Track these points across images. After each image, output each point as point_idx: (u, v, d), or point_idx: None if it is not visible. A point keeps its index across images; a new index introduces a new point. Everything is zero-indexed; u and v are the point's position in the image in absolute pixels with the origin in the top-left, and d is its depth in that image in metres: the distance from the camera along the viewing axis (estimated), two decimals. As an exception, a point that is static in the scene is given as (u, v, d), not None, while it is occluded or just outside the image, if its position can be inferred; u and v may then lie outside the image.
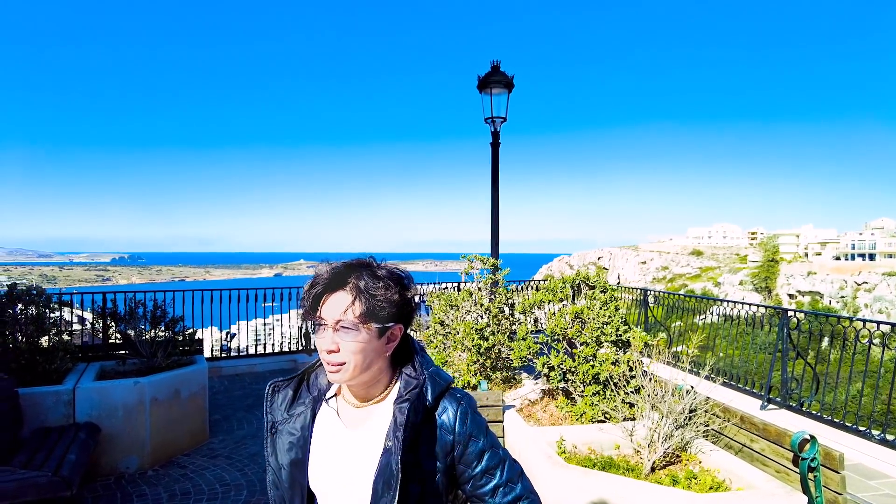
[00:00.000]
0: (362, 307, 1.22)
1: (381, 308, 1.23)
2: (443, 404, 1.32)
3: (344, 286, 1.23)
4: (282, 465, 1.35)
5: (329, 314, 1.22)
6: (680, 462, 3.80)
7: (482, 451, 1.32)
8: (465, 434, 1.31)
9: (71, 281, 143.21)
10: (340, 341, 1.21)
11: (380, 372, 1.31)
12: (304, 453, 1.33)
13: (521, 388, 5.59)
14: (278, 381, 1.42)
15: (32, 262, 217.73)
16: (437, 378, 1.33)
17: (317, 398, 1.38)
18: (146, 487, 4.80)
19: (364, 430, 1.31)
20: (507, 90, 8.54)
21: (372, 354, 1.25)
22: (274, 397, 1.41)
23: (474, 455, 1.31)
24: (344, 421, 1.34)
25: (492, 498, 1.32)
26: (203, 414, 5.99)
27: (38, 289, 5.49)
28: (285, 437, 1.35)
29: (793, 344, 6.76)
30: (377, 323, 1.23)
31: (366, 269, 1.26)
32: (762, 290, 65.71)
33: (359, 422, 1.32)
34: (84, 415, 4.89)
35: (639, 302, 10.12)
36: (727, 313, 7.95)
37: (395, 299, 1.25)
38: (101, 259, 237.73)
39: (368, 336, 1.23)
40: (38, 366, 5.16)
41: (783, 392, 6.69)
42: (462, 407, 1.33)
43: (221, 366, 8.89)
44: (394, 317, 1.26)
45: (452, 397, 1.34)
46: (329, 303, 1.23)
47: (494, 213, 8.50)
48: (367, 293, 1.22)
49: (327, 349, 1.22)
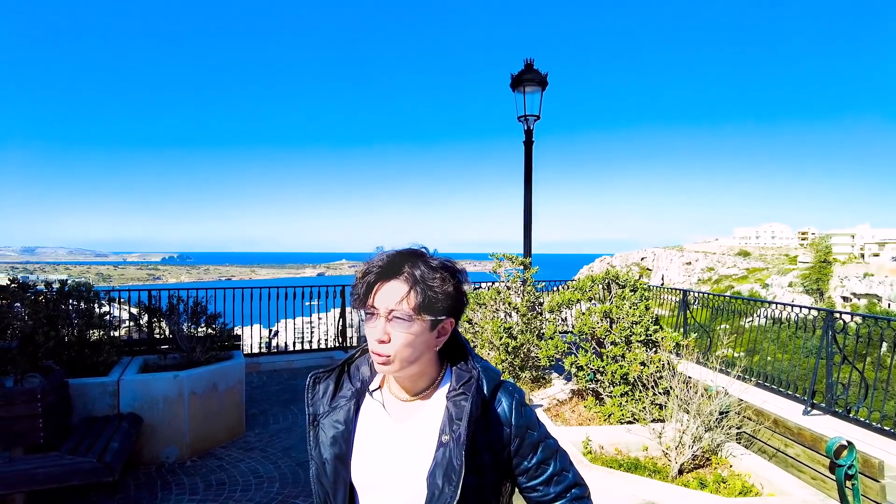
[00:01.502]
0: (417, 298, 1.17)
1: (435, 300, 1.19)
2: (497, 397, 1.31)
3: (399, 275, 1.19)
4: (325, 458, 1.32)
5: (382, 303, 1.18)
6: (709, 465, 3.71)
7: (537, 442, 1.31)
8: (521, 426, 1.30)
9: (124, 279, 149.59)
10: (392, 331, 1.18)
11: (427, 365, 1.28)
12: (347, 447, 1.30)
13: (550, 387, 5.56)
14: (319, 372, 1.39)
15: (90, 261, 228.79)
16: (490, 371, 1.32)
17: (360, 390, 1.35)
18: (184, 477, 4.99)
19: (413, 423, 1.28)
20: (540, 88, 8.50)
21: (422, 347, 1.22)
22: (315, 389, 1.38)
23: (530, 447, 1.31)
24: (391, 414, 1.30)
25: (546, 487, 1.32)
26: (240, 408, 6.17)
27: (86, 286, 5.78)
28: (328, 430, 1.32)
29: (838, 347, 6.47)
30: (431, 315, 1.19)
31: (420, 259, 1.22)
32: (813, 293, 62.93)
33: (407, 416, 1.29)
34: (127, 406, 5.13)
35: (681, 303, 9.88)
36: (773, 315, 7.67)
37: (450, 291, 1.21)
38: (153, 258, 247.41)
39: (421, 328, 1.19)
40: (86, 358, 5.44)
41: (828, 397, 6.41)
42: (516, 399, 1.31)
43: (260, 361, 9.12)
44: (447, 310, 1.22)
45: (506, 390, 1.32)
46: (383, 291, 1.19)
47: (527, 211, 8.47)
48: (424, 283, 1.18)
49: (378, 339, 1.18)
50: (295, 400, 7.40)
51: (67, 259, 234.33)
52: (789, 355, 7.67)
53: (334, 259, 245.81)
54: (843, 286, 63.12)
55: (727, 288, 66.55)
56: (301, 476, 5.06)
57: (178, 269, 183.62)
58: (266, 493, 4.71)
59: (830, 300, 61.64)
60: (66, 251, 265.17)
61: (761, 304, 8.24)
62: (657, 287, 9.59)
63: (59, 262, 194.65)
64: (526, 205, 8.44)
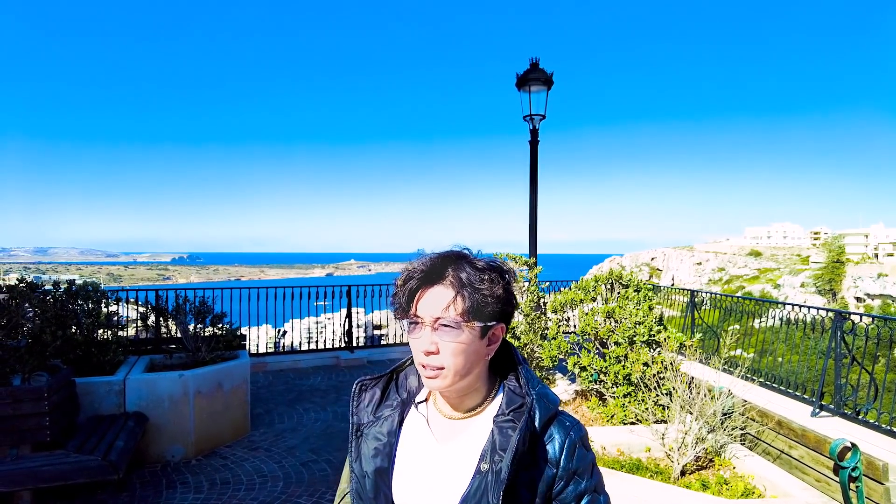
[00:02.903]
0: (465, 303, 1.07)
1: (485, 304, 1.08)
2: (549, 431, 1.14)
3: (443, 280, 1.09)
4: (366, 472, 1.20)
5: (427, 311, 1.08)
6: (712, 467, 3.68)
7: (583, 492, 1.14)
8: (569, 470, 1.13)
9: (135, 279, 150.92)
10: (440, 341, 1.07)
11: (478, 379, 1.16)
12: (389, 461, 1.19)
13: (554, 388, 5.54)
14: (366, 380, 1.28)
15: (101, 261, 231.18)
16: (546, 400, 1.15)
17: (406, 401, 1.25)
18: (189, 476, 5.03)
19: (456, 445, 1.15)
20: (546, 87, 8.49)
21: (473, 357, 1.10)
22: (361, 397, 1.27)
23: (573, 496, 1.13)
24: (434, 432, 1.19)
25: None
26: (245, 407, 6.21)
27: (93, 285, 5.85)
28: (371, 441, 1.21)
29: (847, 348, 6.40)
30: (480, 321, 1.09)
31: (464, 261, 1.11)
32: (826, 293, 62.28)
33: (451, 435, 1.17)
34: (133, 404, 5.18)
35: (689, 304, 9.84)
36: (782, 316, 7.60)
37: (500, 294, 1.11)
38: (162, 259, 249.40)
39: (471, 336, 1.09)
40: (93, 357, 5.50)
41: (836, 399, 6.34)
42: (571, 438, 1.14)
43: (266, 361, 9.17)
44: (497, 314, 1.11)
45: (561, 425, 1.15)
46: (426, 298, 1.09)
47: (533, 211, 8.46)
48: (471, 287, 1.08)
49: (425, 350, 1.08)
50: (300, 400, 7.43)
51: (79, 259, 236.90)
52: (799, 356, 7.59)
53: (343, 259, 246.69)
54: (856, 287, 62.39)
55: (738, 288, 66.02)
56: (305, 475, 5.08)
57: (187, 270, 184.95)
58: (270, 492, 4.74)
59: (843, 301, 60.97)
60: (77, 251, 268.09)
61: (770, 304, 8.17)
62: (666, 287, 9.52)
63: (71, 263, 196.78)
64: (531, 205, 8.43)
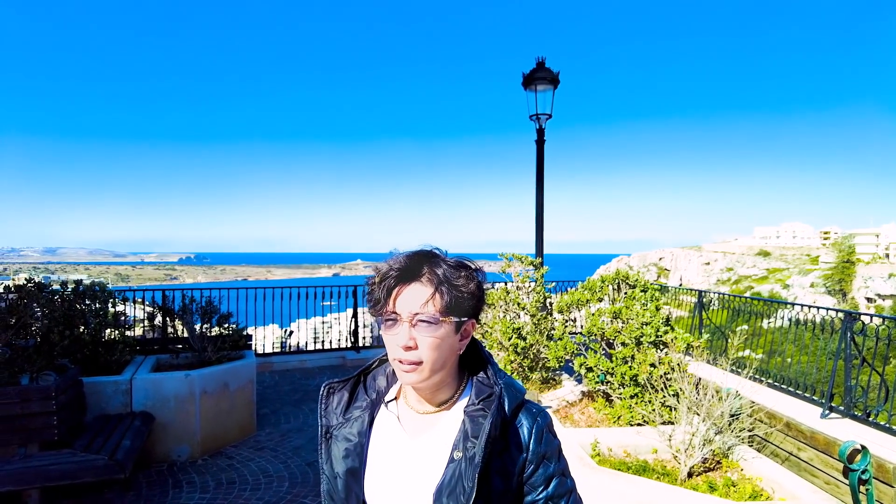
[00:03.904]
0: (443, 299, 1.11)
1: (461, 299, 1.12)
2: (518, 418, 1.20)
3: (419, 277, 1.12)
4: (337, 473, 1.24)
5: (404, 307, 1.11)
6: (720, 468, 3.65)
7: (551, 475, 1.19)
8: (539, 454, 1.18)
9: (142, 279, 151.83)
10: (418, 336, 1.10)
11: (450, 374, 1.20)
12: (360, 461, 1.22)
13: (560, 389, 5.52)
14: (333, 383, 1.31)
15: (109, 261, 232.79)
16: (513, 389, 1.20)
17: (375, 401, 1.28)
18: (195, 475, 5.04)
19: (428, 438, 1.19)
20: (552, 86, 8.48)
21: (448, 352, 1.15)
22: (329, 400, 1.30)
23: (542, 479, 1.18)
24: (405, 428, 1.22)
25: None
26: (251, 407, 6.22)
27: (100, 285, 5.87)
28: (341, 443, 1.25)
29: (857, 349, 6.33)
30: (456, 316, 1.13)
31: (439, 259, 1.15)
32: (836, 294, 61.76)
33: (422, 430, 1.21)
34: (140, 404, 5.20)
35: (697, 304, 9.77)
36: (791, 316, 7.53)
37: (474, 290, 1.15)
38: (170, 259, 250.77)
39: (447, 331, 1.12)
40: (100, 357, 5.53)
41: (846, 400, 6.27)
42: (538, 423, 1.20)
43: (272, 361, 9.19)
44: (470, 310, 1.16)
45: (528, 412, 1.21)
46: (404, 295, 1.12)
47: (539, 211, 8.44)
48: (448, 283, 1.12)
49: (404, 345, 1.10)
50: (306, 400, 7.44)
51: (87, 259, 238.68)
52: (808, 357, 7.51)
53: (349, 259, 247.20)
54: (867, 287, 61.83)
55: (747, 288, 65.61)
56: (310, 476, 5.08)
57: (194, 270, 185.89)
58: (276, 493, 4.74)
59: (854, 301, 60.44)
60: (86, 252, 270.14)
61: (779, 304, 8.09)
62: (674, 288, 9.45)
63: (80, 263, 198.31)
64: (538, 204, 8.41)
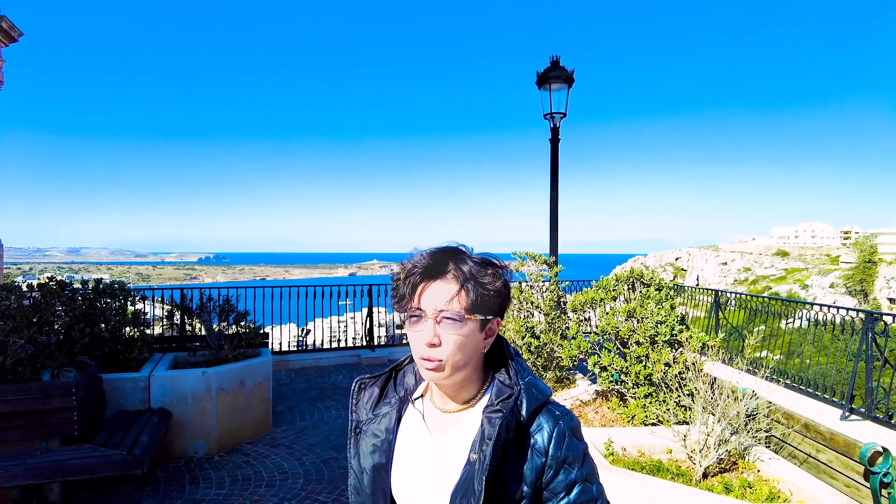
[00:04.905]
0: (469, 296, 1.10)
1: (487, 297, 1.11)
2: (538, 421, 1.15)
3: (445, 273, 1.11)
4: (364, 468, 1.25)
5: (429, 304, 1.10)
6: (736, 469, 3.60)
7: (573, 482, 1.13)
8: (558, 459, 1.13)
9: (162, 279, 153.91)
10: (442, 333, 1.10)
11: (474, 372, 1.19)
12: (388, 457, 1.23)
13: (574, 388, 5.49)
14: (365, 378, 1.33)
15: (130, 261, 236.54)
16: (534, 390, 1.17)
17: (403, 398, 1.28)
18: (211, 471, 5.11)
19: (449, 437, 1.19)
20: (567, 85, 8.45)
21: (472, 350, 1.13)
22: (360, 395, 1.32)
23: (563, 485, 1.13)
24: (429, 426, 1.22)
25: None
26: (267, 404, 6.28)
27: (120, 284, 5.97)
28: (369, 438, 1.26)
29: (879, 350, 6.21)
30: (482, 314, 1.12)
31: (465, 256, 1.14)
32: (857, 294, 60.59)
33: (445, 428, 1.20)
34: (157, 401, 5.28)
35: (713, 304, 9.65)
36: (810, 317, 7.40)
37: (500, 288, 1.14)
38: (189, 259, 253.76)
39: (472, 329, 1.11)
40: (119, 354, 5.63)
41: (867, 402, 6.15)
42: (560, 427, 1.15)
43: (289, 359, 9.27)
44: (495, 308, 1.14)
45: (550, 414, 1.16)
46: (429, 292, 1.11)
47: (554, 210, 8.41)
48: (474, 280, 1.11)
49: (428, 342, 1.10)
50: (321, 397, 7.49)
51: (110, 259, 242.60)
52: (828, 358, 7.37)
53: (366, 259, 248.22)
54: (889, 287, 60.56)
55: (765, 289, 64.65)
56: (325, 472, 5.12)
57: (213, 269, 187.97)
58: (290, 489, 4.79)
59: (876, 302, 59.25)
60: (108, 252, 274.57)
61: (798, 305, 7.96)
62: (690, 287, 9.35)
63: (102, 262, 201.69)
64: (552, 203, 8.38)
